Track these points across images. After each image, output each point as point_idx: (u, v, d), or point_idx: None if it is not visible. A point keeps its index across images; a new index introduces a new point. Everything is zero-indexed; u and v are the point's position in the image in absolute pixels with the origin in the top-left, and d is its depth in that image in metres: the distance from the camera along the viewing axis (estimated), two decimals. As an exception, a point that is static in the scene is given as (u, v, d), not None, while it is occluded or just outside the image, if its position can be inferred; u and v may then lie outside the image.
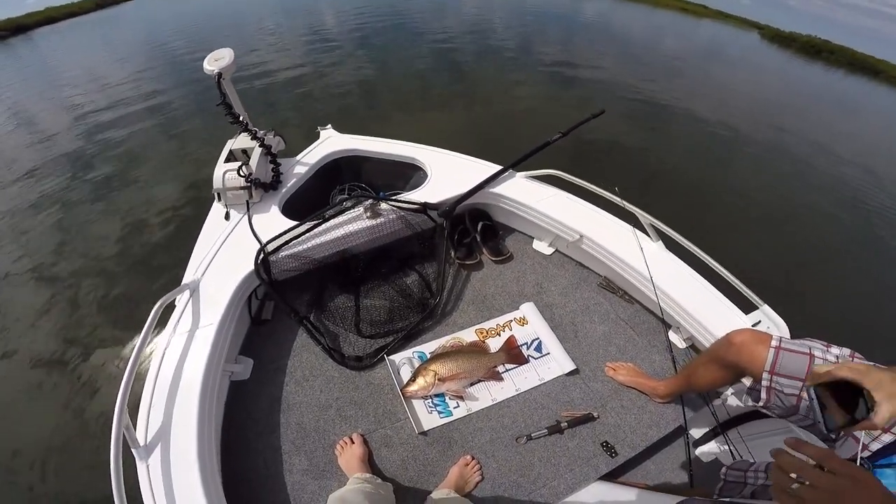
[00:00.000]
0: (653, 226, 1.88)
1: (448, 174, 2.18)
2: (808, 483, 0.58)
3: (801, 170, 6.17)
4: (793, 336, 1.32)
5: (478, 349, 1.76)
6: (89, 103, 6.86)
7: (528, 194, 2.13)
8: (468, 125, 6.03)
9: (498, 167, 2.18)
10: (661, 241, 1.91)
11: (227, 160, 2.06)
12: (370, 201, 1.99)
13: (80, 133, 5.96)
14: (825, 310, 3.67)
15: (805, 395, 0.99)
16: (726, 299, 1.69)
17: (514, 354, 1.76)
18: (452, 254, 2.13)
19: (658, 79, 8.59)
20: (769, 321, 1.56)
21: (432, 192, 2.10)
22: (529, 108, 6.68)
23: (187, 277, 1.71)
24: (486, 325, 1.90)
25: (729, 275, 1.68)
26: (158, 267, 3.59)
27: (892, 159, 7.43)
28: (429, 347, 1.80)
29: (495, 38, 10.39)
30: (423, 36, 10.17)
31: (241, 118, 2.06)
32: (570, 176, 2.10)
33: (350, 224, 1.95)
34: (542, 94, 7.33)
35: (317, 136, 2.48)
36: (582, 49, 10.43)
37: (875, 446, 0.90)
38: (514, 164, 2.20)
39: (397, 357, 1.77)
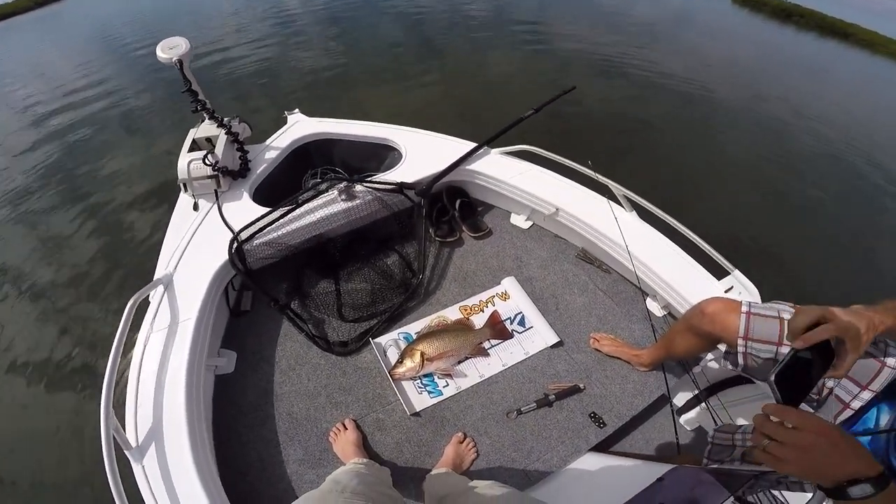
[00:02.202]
0: (626, 197, 1.92)
1: (423, 153, 2.16)
2: (777, 440, 0.63)
3: (774, 131, 6.25)
4: (763, 300, 1.38)
5: (463, 326, 1.78)
6: (41, 103, 6.44)
7: (503, 170, 2.13)
8: (443, 100, 5.90)
9: (473, 144, 2.17)
10: (634, 212, 1.95)
11: (191, 150, 1.98)
12: (344, 183, 1.96)
13: (34, 133, 5.62)
14: (797, 271, 3.81)
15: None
16: (699, 266, 1.75)
17: (498, 330, 1.78)
18: (432, 232, 2.12)
19: (631, 46, 8.53)
20: (741, 286, 1.62)
21: (408, 171, 2.07)
22: (504, 80, 6.56)
23: (159, 272, 1.66)
24: (470, 301, 1.91)
25: (701, 241, 1.73)
26: (128, 263, 3.46)
27: (861, 118, 7.64)
28: (414, 328, 1.81)
29: (467, 8, 10.12)
30: (393, 9, 9.83)
31: (206, 105, 1.98)
32: (544, 151, 2.11)
33: (325, 208, 1.92)
34: (517, 66, 7.20)
35: (284, 122, 2.40)
36: (554, 16, 10.24)
37: (856, 404, 0.95)
38: (488, 140, 2.20)
39: (383, 339, 1.77)
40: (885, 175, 5.67)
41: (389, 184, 1.98)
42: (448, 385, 1.65)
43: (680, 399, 1.76)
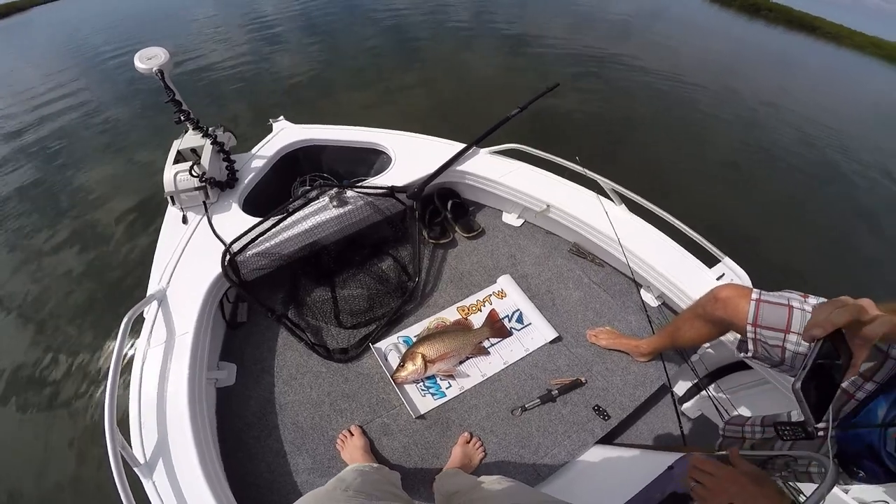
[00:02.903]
0: (615, 190, 1.95)
1: (412, 156, 2.16)
2: (701, 483, 0.82)
3: (752, 122, 6.45)
4: (757, 285, 1.41)
5: (462, 327, 1.78)
6: (10, 116, 6.27)
7: (493, 169, 2.14)
8: (427, 102, 5.92)
9: (461, 145, 2.17)
10: (623, 205, 1.98)
11: (176, 161, 1.95)
12: (335, 190, 1.95)
13: (4, 148, 5.47)
14: (787, 257, 3.94)
15: (789, 346, 1.05)
16: (690, 255, 1.78)
17: (497, 328, 1.79)
18: (425, 234, 2.12)
19: (608, 42, 8.70)
20: (732, 273, 1.66)
21: (398, 175, 2.07)
22: (486, 80, 6.60)
23: (152, 287, 1.63)
24: (467, 302, 1.92)
25: (690, 231, 1.77)
26: (120, 280, 3.38)
27: (834, 107, 7.90)
28: (413, 331, 1.81)
29: (446, 11, 10.12)
30: (371, 13, 9.78)
31: (191, 115, 1.95)
32: (532, 148, 2.13)
33: (317, 215, 1.91)
34: (498, 65, 7.26)
35: (269, 129, 2.37)
36: (533, 15, 10.34)
37: (860, 395, 0.97)
38: (476, 141, 2.20)
39: (383, 344, 1.76)
40: (857, 160, 5.87)
41: (380, 188, 1.98)
42: (451, 386, 1.65)
43: (680, 388, 1.79)
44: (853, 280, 3.78)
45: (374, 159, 2.37)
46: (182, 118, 1.97)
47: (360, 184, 2.01)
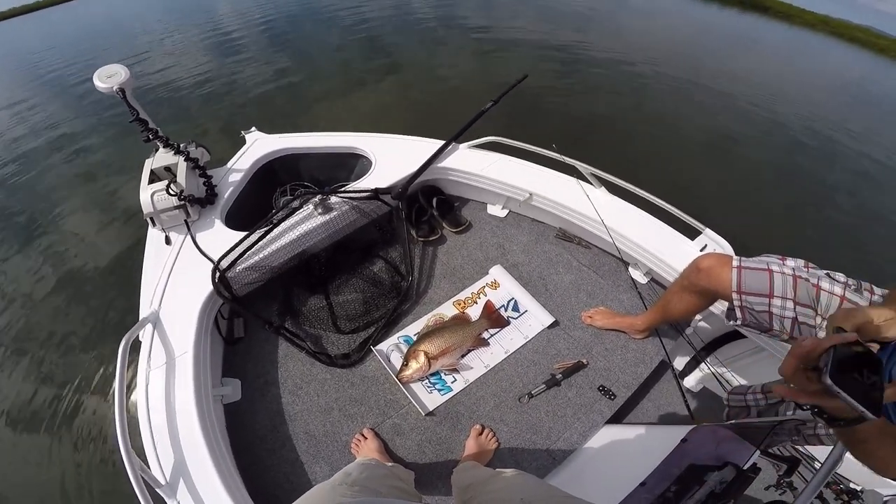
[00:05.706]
0: (593, 174, 1.99)
1: (392, 157, 2.15)
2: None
3: (716, 99, 6.64)
4: (740, 252, 1.47)
5: (460, 321, 1.80)
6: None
7: (474, 163, 2.16)
8: (399, 103, 5.88)
9: (440, 143, 2.18)
10: (603, 187, 2.02)
11: (151, 181, 1.89)
12: (319, 197, 1.93)
13: None
14: (765, 224, 4.12)
15: (775, 310, 1.07)
16: (672, 229, 1.84)
17: (494, 318, 1.81)
18: (413, 233, 2.13)
19: (572, 29, 8.78)
20: (714, 243, 1.72)
21: (380, 177, 2.07)
22: (455, 76, 6.57)
23: (144, 311, 1.60)
24: (462, 295, 1.94)
25: (669, 206, 1.82)
26: (95, 305, 3.27)
27: (791, 80, 8.24)
28: (412, 329, 1.82)
29: (411, 11, 10.06)
30: (336, 17, 9.62)
31: (159, 133, 1.89)
32: (509, 140, 2.16)
33: (303, 224, 1.89)
34: (466, 61, 7.22)
35: (243, 141, 2.32)
36: (497, 9, 10.38)
37: None
38: (454, 136, 2.21)
39: (384, 345, 1.77)
40: (818, 132, 6.15)
41: (364, 191, 1.97)
42: (456, 380, 1.67)
43: (679, 363, 1.84)
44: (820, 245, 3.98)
45: (353, 164, 2.35)
46: (150, 136, 1.91)
47: (343, 189, 2.00)
